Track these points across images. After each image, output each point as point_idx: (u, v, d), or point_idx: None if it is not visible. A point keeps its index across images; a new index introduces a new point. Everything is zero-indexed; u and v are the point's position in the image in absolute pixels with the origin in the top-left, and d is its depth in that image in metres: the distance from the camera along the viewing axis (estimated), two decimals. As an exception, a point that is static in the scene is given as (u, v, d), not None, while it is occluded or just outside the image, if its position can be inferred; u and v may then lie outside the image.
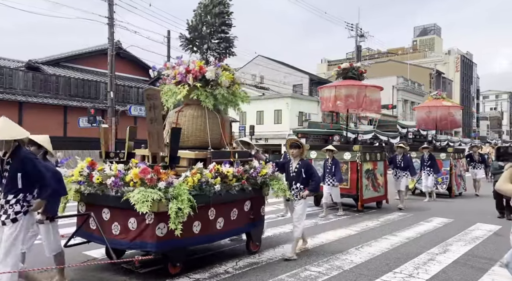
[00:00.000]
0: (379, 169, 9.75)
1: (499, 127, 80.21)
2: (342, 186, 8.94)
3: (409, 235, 6.92)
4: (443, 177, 12.32)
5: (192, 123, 5.23)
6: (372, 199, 9.54)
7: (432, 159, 11.52)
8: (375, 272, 4.81)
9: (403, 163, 10.04)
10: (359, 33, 31.38)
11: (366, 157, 9.26)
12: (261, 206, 5.51)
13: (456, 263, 5.29)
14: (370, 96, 9.73)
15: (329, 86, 10.38)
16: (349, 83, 9.76)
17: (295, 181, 5.48)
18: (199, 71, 5.10)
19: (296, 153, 5.55)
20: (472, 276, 4.77)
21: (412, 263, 5.20)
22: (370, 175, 9.35)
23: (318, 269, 4.89)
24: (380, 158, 9.91)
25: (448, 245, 6.21)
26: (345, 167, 9.15)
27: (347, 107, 9.87)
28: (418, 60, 58.28)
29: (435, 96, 13.79)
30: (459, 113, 13.84)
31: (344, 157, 9.16)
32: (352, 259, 5.33)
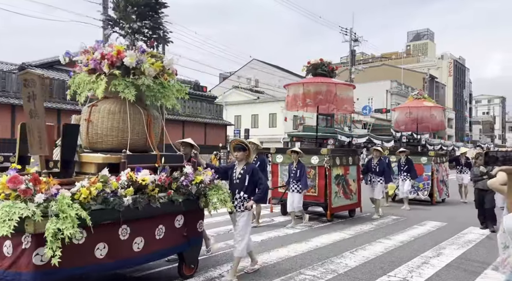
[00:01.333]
0: (351, 174, 8.90)
1: (492, 132, 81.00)
2: (310, 193, 8.25)
3: (403, 238, 6.96)
4: (425, 183, 11.46)
5: (108, 120, 4.21)
6: (343, 207, 8.70)
7: (409, 163, 10.74)
8: (370, 276, 4.83)
9: (378, 167, 9.16)
10: (353, 38, 31.61)
11: (336, 161, 8.43)
12: (198, 221, 4.59)
13: (450, 266, 5.32)
14: (341, 94, 8.96)
15: (297, 83, 9.61)
16: (318, 80, 8.95)
17: (239, 190, 4.69)
18: (116, 57, 4.08)
19: (241, 157, 4.74)
20: (465, 279, 4.81)
21: (406, 267, 5.22)
22: (341, 181, 8.54)
23: (313, 272, 4.90)
24: (353, 162, 9.04)
25: (441, 249, 6.26)
26: (312, 172, 8.35)
27: (317, 104, 9.11)
28: (412, 64, 58.79)
29: (416, 96, 12.91)
30: (441, 114, 12.91)
31: (312, 161, 8.32)
32: (347, 263, 5.35)
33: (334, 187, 8.29)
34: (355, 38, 31.82)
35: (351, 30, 31.70)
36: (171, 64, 4.51)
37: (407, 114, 12.56)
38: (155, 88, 4.28)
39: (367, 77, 42.66)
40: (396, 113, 13.74)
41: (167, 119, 21.52)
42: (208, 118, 25.74)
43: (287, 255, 5.66)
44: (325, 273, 4.87)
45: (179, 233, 4.31)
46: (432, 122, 12.57)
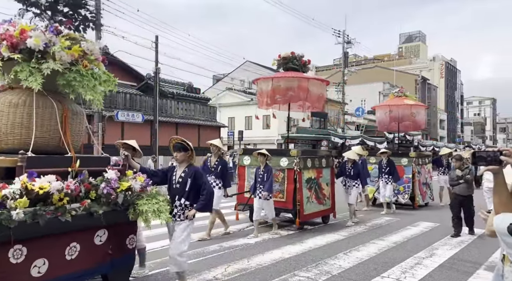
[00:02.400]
0: (324, 178, 8.25)
1: (483, 133, 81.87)
2: (278, 199, 7.59)
3: (397, 239, 7.00)
4: (405, 186, 10.75)
5: (9, 115, 3.46)
6: (315, 214, 7.99)
7: (391, 165, 10.01)
8: (363, 277, 4.84)
9: (352, 170, 8.53)
10: (346, 40, 31.80)
11: (308, 164, 7.77)
12: (128, 236, 3.83)
13: (442, 267, 5.36)
14: (314, 90, 8.23)
15: (266, 78, 8.70)
16: (289, 75, 8.17)
17: (179, 196, 4.09)
18: (18, 37, 3.34)
19: (181, 158, 4.16)
20: (458, 279, 4.85)
21: (399, 268, 5.25)
22: (313, 185, 7.87)
23: (307, 274, 4.90)
24: (326, 165, 8.38)
25: (434, 249, 6.30)
26: (281, 176, 7.66)
27: (287, 101, 8.32)
28: (404, 66, 59.25)
29: (397, 94, 12.14)
30: (422, 112, 12.09)
31: (281, 163, 7.63)
32: (341, 264, 5.37)
33: (305, 191, 7.59)
34: (348, 40, 32.02)
35: (343, 32, 31.90)
36: (95, 49, 3.75)
37: (387, 113, 11.79)
38: (70, 76, 3.46)
39: (360, 79, 42.92)
40: (377, 112, 12.84)
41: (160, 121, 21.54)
42: (201, 120, 25.70)
43: (281, 257, 5.67)
44: (319, 275, 4.88)
45: (100, 251, 3.58)
46: (413, 121, 11.79)
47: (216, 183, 6.88)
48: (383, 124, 12.23)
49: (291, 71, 8.31)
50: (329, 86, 44.49)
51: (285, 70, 8.39)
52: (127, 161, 4.00)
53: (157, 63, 20.42)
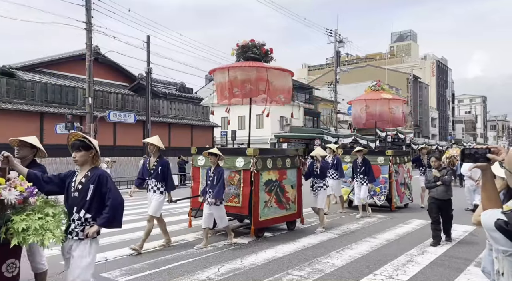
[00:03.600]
0: (288, 180, 7.48)
1: (474, 130, 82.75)
2: (233, 203, 6.79)
3: (389, 237, 7.06)
4: (381, 187, 9.95)
5: None
6: (276, 219, 7.20)
7: (366, 165, 9.18)
8: (356, 275, 4.88)
9: (320, 169, 7.66)
10: (338, 39, 31.92)
11: (267, 164, 6.97)
12: (5, 261, 2.88)
13: (434, 263, 5.42)
14: (275, 82, 7.34)
15: (222, 68, 7.58)
16: (246, 65, 7.25)
17: (78, 207, 3.20)
18: None
19: (82, 159, 3.29)
20: (449, 276, 4.90)
21: (391, 265, 5.29)
22: (274, 188, 7.10)
23: (300, 273, 4.92)
24: (291, 165, 7.56)
25: (426, 246, 6.36)
26: (237, 178, 6.86)
27: (247, 95, 7.47)
28: (395, 65, 59.64)
29: (374, 87, 11.20)
30: (401, 108, 11.13)
31: (236, 164, 6.85)
32: (334, 262, 5.39)
33: (263, 195, 6.83)
34: (340, 39, 32.15)
35: (335, 32, 32.01)
36: None
37: (363, 109, 10.92)
38: None
39: (352, 78, 43.13)
40: (352, 107, 11.83)
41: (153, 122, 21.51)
42: (194, 120, 25.62)
43: (274, 256, 5.68)
44: (312, 273, 4.90)
45: None
46: (392, 117, 10.82)
47: (157, 187, 5.99)
48: (359, 120, 11.32)
49: (251, 61, 7.35)
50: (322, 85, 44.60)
51: (245, 60, 7.47)
52: (7, 164, 2.96)
53: (149, 63, 20.32)
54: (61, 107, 18.71)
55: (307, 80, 54.70)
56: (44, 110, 18.12)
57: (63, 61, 22.24)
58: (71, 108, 18.47)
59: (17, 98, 17.57)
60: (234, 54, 7.64)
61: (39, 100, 18.30)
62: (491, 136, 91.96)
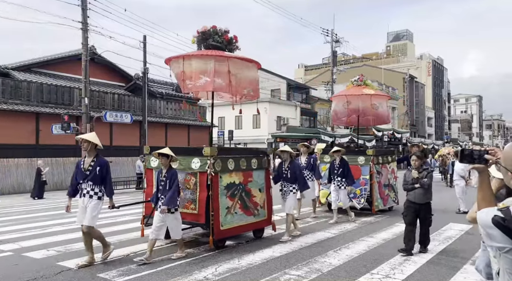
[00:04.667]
0: (255, 182, 6.68)
1: (469, 130, 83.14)
2: (188, 210, 5.98)
3: (386, 236, 7.08)
4: (362, 189, 9.19)
5: None
6: (241, 227, 6.35)
7: (344, 166, 8.37)
8: (353, 274, 4.89)
9: (289, 172, 6.87)
10: (334, 39, 31.97)
11: (229, 165, 6.18)
12: None
13: (430, 262, 5.44)
14: (239, 74, 6.42)
15: (177, 57, 6.58)
16: (203, 53, 6.38)
17: None
18: None
19: None
20: (446, 274, 4.92)
21: (388, 264, 5.31)
22: (238, 192, 6.29)
23: (298, 272, 4.93)
24: (259, 166, 6.76)
25: (422, 245, 6.38)
26: (193, 181, 6.01)
27: (203, 88, 6.51)
28: (392, 65, 59.82)
29: (356, 82, 10.33)
30: (384, 104, 10.38)
31: (192, 165, 6.01)
32: (331, 262, 5.41)
33: (224, 200, 6.03)
34: (337, 39, 32.20)
35: (332, 31, 32.06)
36: None
37: (344, 105, 10.10)
38: None
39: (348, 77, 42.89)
40: (333, 103, 10.97)
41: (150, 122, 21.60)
42: (191, 120, 25.60)
43: (272, 256, 5.69)
44: (310, 273, 4.91)
45: None
46: (375, 114, 10.10)
47: (94, 191, 5.24)
48: (340, 117, 10.53)
49: (212, 50, 6.45)
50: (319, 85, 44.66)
51: (206, 48, 6.57)
52: None
53: (145, 63, 20.27)
54: (57, 107, 18.63)
55: (303, 80, 54.78)
56: (40, 111, 18.03)
57: (59, 61, 22.14)
58: (67, 109, 18.40)
59: (13, 99, 17.48)
60: (194, 42, 6.70)
61: (35, 100, 18.22)
62: (486, 135, 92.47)
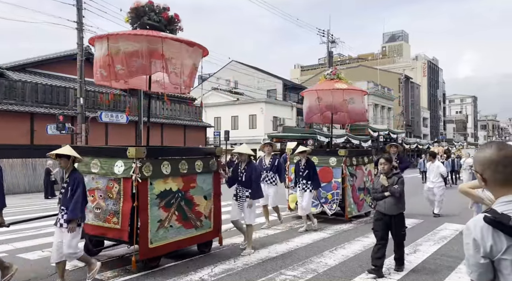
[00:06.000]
0: (199, 189, 5.64)
1: (464, 130, 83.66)
2: (111, 224, 4.93)
3: (381, 236, 7.10)
4: (334, 193, 8.31)
5: None
6: (180, 242, 5.34)
7: (311, 168, 7.48)
8: (349, 274, 4.90)
9: (245, 175, 5.93)
10: (330, 39, 32.04)
11: (162, 169, 5.07)
12: None
13: (426, 262, 5.47)
14: (175, 59, 5.34)
15: (101, 37, 5.47)
16: (130, 32, 5.36)
17: None
18: None
19: None
20: (441, 274, 4.95)
21: (384, 264, 5.32)
22: (175, 201, 5.26)
23: (293, 273, 4.94)
24: (205, 169, 5.70)
25: (417, 245, 6.42)
26: (115, 189, 4.96)
27: (134, 74, 5.54)
28: (387, 65, 60.06)
29: (329, 76, 9.35)
30: (360, 100, 9.40)
31: (115, 170, 4.94)
32: (327, 262, 5.42)
33: (155, 212, 4.98)
34: (332, 39, 32.27)
35: (328, 32, 32.13)
36: None
37: (316, 101, 9.15)
38: None
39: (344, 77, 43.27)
40: (305, 99, 9.94)
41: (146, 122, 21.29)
42: (187, 120, 25.56)
43: (268, 256, 5.69)
44: (305, 273, 4.92)
45: None
46: (348, 110, 9.16)
47: None
48: (312, 115, 9.58)
49: (148, 30, 5.42)
50: (314, 86, 44.71)
51: (142, 28, 5.55)
52: None
53: (141, 63, 20.19)
54: (52, 107, 18.53)
55: (300, 80, 54.88)
56: (34, 111, 17.93)
57: (54, 61, 22.02)
58: (62, 109, 18.30)
59: (7, 99, 17.36)
60: (128, 21, 5.67)
61: (29, 100, 18.10)
62: (481, 135, 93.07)
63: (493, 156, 1.51)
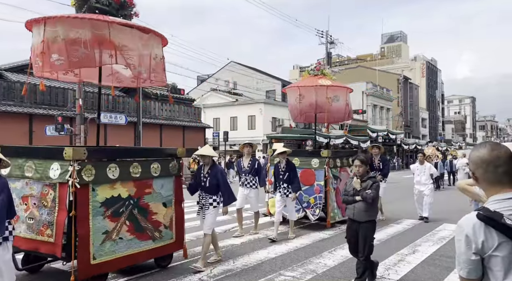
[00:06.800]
0: (158, 195, 4.96)
1: (463, 131, 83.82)
2: (45, 237, 4.23)
3: (380, 237, 7.10)
4: (316, 197, 7.71)
5: None
6: (131, 258, 4.61)
7: (291, 171, 6.84)
8: (348, 275, 4.90)
9: (208, 180, 5.26)
10: (329, 40, 32.10)
11: (109, 173, 4.37)
12: None
13: (425, 263, 5.48)
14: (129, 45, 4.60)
15: (37, 21, 4.60)
16: (70, 15, 4.61)
17: None
18: None
19: None
20: (439, 275, 4.96)
21: (383, 265, 5.33)
22: (126, 210, 4.55)
23: (293, 273, 4.93)
24: (163, 173, 5.03)
25: (416, 246, 6.43)
26: (50, 196, 4.26)
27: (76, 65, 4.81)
28: (386, 66, 60.17)
29: (313, 72, 8.76)
30: (344, 97, 8.65)
31: (51, 174, 4.25)
32: (326, 263, 5.42)
33: (100, 223, 4.30)
34: (331, 40, 32.32)
35: (327, 33, 32.18)
36: None
37: (297, 99, 8.64)
38: None
39: (343, 79, 43.24)
40: (288, 96, 9.42)
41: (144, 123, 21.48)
42: (186, 121, 25.54)
43: (267, 257, 5.69)
44: (305, 274, 4.92)
45: None
46: (330, 109, 8.52)
47: None
48: (295, 113, 8.98)
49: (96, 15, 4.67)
50: (313, 86, 44.74)
51: (91, 12, 4.85)
52: None
53: (140, 64, 20.19)
54: (50, 108, 18.51)
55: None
56: (33, 112, 17.91)
57: (52, 62, 22.00)
58: (61, 110, 18.29)
59: (6, 100, 17.35)
60: (73, 4, 5.06)
61: (28, 101, 18.09)
62: (480, 136, 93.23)
63: (485, 155, 1.55)
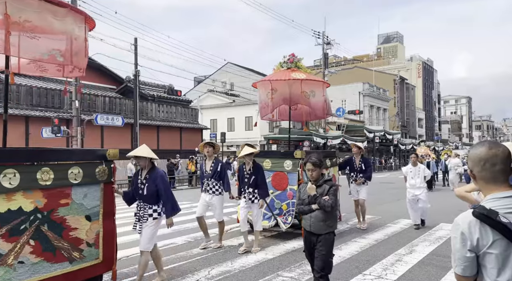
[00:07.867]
0: (79, 206, 4.01)
1: (459, 130, 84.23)
2: None
3: (378, 237, 7.13)
4: (289, 203, 6.84)
5: None
6: None
7: (258, 174, 6.12)
8: (345, 275, 4.92)
9: (146, 187, 4.51)
10: (325, 41, 32.15)
11: (3, 182, 3.42)
12: None
13: (422, 263, 5.50)
14: (33, 21, 3.78)
15: None
16: None
17: None
18: None
19: None
20: (436, 274, 4.98)
21: (380, 265, 5.35)
22: (30, 226, 3.60)
23: (290, 274, 4.94)
24: (87, 179, 4.08)
25: (414, 246, 6.45)
26: None
27: None
28: (382, 66, 60.42)
29: (286, 65, 7.92)
30: (321, 93, 7.82)
31: None
32: (323, 263, 5.42)
33: None
34: (328, 41, 32.38)
35: (323, 33, 32.24)
36: None
37: (269, 94, 7.70)
38: None
39: (340, 79, 43.46)
40: (258, 91, 8.32)
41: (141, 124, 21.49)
42: (183, 122, 25.53)
43: (265, 258, 5.69)
44: (302, 275, 4.93)
45: None
46: (309, 105, 7.87)
47: None
48: (266, 110, 8.01)
49: None
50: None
51: None
52: None
53: (136, 65, 20.18)
54: (47, 110, 18.46)
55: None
56: (29, 114, 17.85)
57: (48, 64, 21.94)
58: (58, 112, 18.24)
59: (1, 102, 17.27)
60: None
61: (24, 103, 18.03)
62: (476, 136, 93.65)
63: (482, 154, 1.58)
